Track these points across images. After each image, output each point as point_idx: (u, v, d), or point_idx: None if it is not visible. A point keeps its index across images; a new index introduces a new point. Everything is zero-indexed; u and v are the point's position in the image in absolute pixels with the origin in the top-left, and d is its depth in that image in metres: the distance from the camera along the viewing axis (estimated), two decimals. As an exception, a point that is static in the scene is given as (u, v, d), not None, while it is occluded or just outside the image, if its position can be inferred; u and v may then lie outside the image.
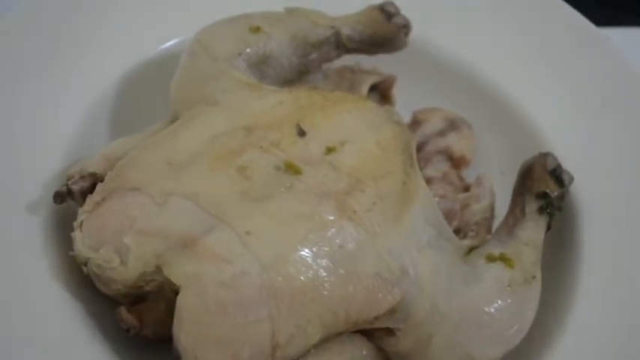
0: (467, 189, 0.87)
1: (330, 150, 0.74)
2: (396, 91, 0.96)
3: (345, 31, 0.90)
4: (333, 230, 0.68)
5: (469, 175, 0.92)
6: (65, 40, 0.90)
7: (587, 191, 0.85)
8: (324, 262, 0.66)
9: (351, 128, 0.77)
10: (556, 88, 0.94)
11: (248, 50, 0.84)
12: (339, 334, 0.69)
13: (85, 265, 0.71)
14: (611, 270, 0.80)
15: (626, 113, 0.91)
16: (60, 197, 0.76)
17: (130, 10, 0.94)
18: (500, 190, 0.86)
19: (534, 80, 0.96)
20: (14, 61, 0.86)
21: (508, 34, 0.99)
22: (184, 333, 0.65)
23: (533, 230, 0.79)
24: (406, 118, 0.94)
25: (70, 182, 0.76)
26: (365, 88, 0.91)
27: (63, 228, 0.76)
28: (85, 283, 0.73)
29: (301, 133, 0.75)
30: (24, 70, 0.86)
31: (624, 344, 0.75)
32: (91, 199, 0.72)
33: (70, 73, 0.88)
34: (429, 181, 0.87)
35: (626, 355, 0.75)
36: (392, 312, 0.69)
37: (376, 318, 0.69)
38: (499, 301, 0.72)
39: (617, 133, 0.89)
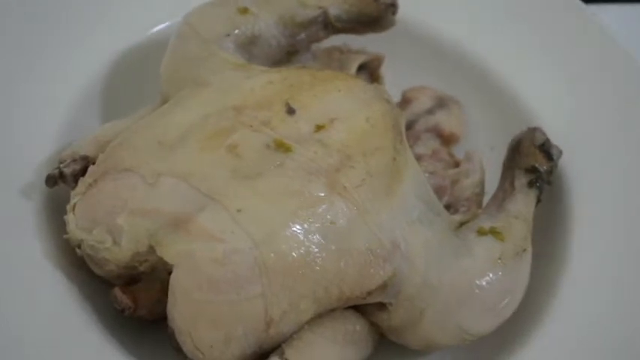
0: (457, 165, 0.88)
1: (319, 127, 0.74)
2: (385, 70, 0.96)
3: (333, 11, 0.89)
4: (323, 206, 0.68)
5: (459, 151, 0.92)
6: (54, 25, 0.90)
7: (576, 165, 0.86)
8: (315, 238, 0.67)
9: (340, 105, 0.77)
10: (543, 63, 0.95)
11: (236, 31, 0.84)
12: (332, 310, 0.70)
13: (79, 247, 0.72)
14: (601, 243, 0.80)
15: (612, 87, 0.91)
16: (52, 180, 0.76)
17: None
18: (491, 166, 0.86)
19: (521, 56, 0.96)
20: (3, 47, 0.86)
21: (494, 10, 1.00)
22: (178, 311, 0.66)
23: (523, 204, 0.79)
24: (395, 97, 0.94)
25: (62, 165, 0.76)
26: (353, 68, 0.91)
27: (56, 211, 0.76)
28: (79, 265, 0.74)
29: (290, 112, 0.75)
30: (14, 56, 0.86)
31: (615, 317, 0.76)
32: (83, 182, 0.73)
33: (59, 57, 0.88)
34: (418, 158, 0.87)
35: (618, 328, 0.75)
36: (384, 287, 0.70)
37: (368, 293, 0.69)
38: (490, 274, 0.73)
39: (605, 107, 0.90)
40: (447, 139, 0.93)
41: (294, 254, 0.66)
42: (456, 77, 0.98)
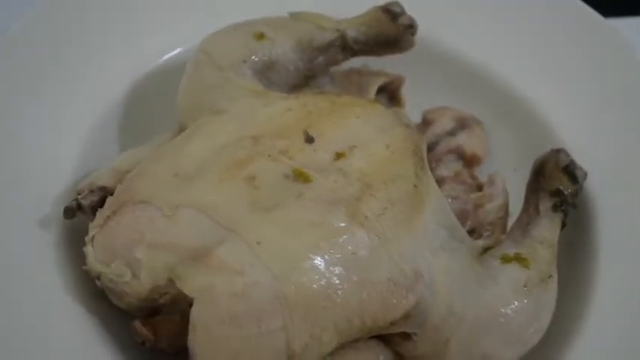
0: (480, 188, 0.87)
1: (339, 156, 0.74)
2: (405, 92, 0.95)
3: (351, 33, 0.89)
4: (344, 237, 0.67)
5: (482, 173, 0.92)
6: (69, 55, 0.90)
7: (602, 186, 0.84)
8: (336, 269, 0.66)
9: (359, 132, 0.76)
10: (566, 82, 0.94)
11: (253, 57, 0.83)
12: (356, 340, 0.69)
13: (99, 279, 0.71)
14: (629, 267, 0.79)
15: (636, 105, 0.90)
16: (70, 212, 0.76)
17: (132, 21, 0.95)
18: (514, 187, 0.85)
19: (544, 75, 0.95)
20: (20, 76, 0.86)
21: (515, 29, 0.99)
22: (199, 345, 0.65)
23: (547, 229, 0.78)
24: (416, 118, 0.94)
25: (79, 197, 0.76)
26: (373, 90, 0.90)
27: (75, 243, 0.76)
28: (99, 296, 0.73)
29: (309, 140, 0.74)
30: (30, 85, 0.86)
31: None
32: (101, 214, 0.72)
33: (75, 87, 0.88)
34: (441, 181, 0.87)
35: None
36: (407, 317, 0.68)
37: (392, 323, 0.68)
38: (515, 303, 0.72)
39: (629, 126, 0.88)
40: (470, 161, 0.92)
41: (315, 286, 0.65)
42: (477, 97, 0.97)
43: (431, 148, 0.91)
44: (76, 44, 0.91)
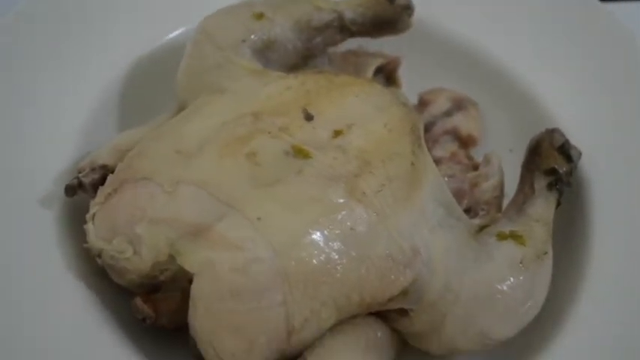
0: (476, 168, 0.87)
1: (337, 133, 0.74)
2: (402, 73, 0.96)
3: (348, 14, 0.89)
4: (343, 213, 0.68)
5: (478, 153, 0.92)
6: (70, 35, 0.90)
7: (596, 166, 0.85)
8: (335, 245, 0.66)
9: (357, 111, 0.77)
10: (561, 63, 0.95)
11: (252, 37, 0.83)
12: (354, 316, 0.69)
13: (99, 256, 0.71)
14: (623, 245, 0.80)
15: (631, 86, 0.91)
16: (71, 190, 0.76)
17: (134, 1, 0.95)
18: (510, 168, 0.85)
19: (539, 56, 0.96)
20: (21, 57, 0.86)
21: (510, 10, 0.99)
22: (199, 321, 0.65)
23: (543, 207, 0.79)
24: (412, 100, 0.94)
25: (80, 175, 0.77)
26: (370, 71, 0.91)
27: (76, 220, 0.76)
28: (99, 274, 0.73)
29: (308, 118, 0.75)
30: (31, 65, 0.86)
31: (638, 321, 0.75)
32: (102, 191, 0.73)
33: (76, 67, 0.88)
34: (437, 161, 0.87)
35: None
36: (405, 293, 0.69)
37: (389, 299, 0.69)
38: (511, 279, 0.72)
39: (624, 107, 0.89)
40: (465, 142, 0.93)
41: (314, 262, 0.65)
42: (473, 78, 0.98)
43: (427, 128, 0.91)
44: (78, 23, 0.91)
